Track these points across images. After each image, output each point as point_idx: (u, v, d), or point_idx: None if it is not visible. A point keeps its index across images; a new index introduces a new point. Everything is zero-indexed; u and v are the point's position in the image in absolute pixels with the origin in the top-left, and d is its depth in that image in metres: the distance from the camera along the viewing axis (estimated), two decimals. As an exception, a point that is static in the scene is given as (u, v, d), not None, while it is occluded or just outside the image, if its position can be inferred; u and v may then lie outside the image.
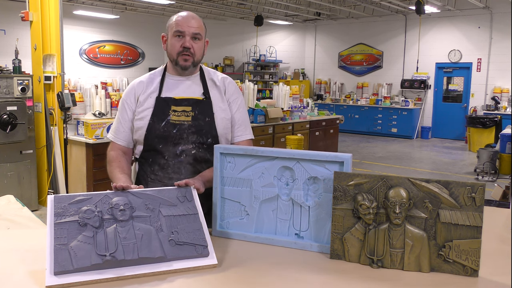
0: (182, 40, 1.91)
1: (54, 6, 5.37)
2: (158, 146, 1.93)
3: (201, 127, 1.93)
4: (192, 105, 1.94)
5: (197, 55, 1.95)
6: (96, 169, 5.22)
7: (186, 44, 1.90)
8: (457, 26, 12.56)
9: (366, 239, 1.42)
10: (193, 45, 1.92)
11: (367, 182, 1.43)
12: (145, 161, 2.00)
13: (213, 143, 1.91)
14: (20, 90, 5.18)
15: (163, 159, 1.94)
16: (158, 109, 1.94)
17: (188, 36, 1.91)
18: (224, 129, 1.98)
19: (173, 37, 1.92)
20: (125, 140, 2.03)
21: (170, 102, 1.94)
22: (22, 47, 5.90)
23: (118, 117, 2.04)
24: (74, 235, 1.33)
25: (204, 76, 2.03)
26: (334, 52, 15.22)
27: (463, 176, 8.18)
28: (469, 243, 1.35)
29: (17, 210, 2.44)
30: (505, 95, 11.90)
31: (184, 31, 1.90)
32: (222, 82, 2.04)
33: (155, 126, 1.92)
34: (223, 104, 2.00)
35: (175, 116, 1.92)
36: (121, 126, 2.02)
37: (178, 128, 1.92)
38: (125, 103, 2.02)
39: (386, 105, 13.37)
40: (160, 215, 1.44)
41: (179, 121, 1.92)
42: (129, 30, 13.77)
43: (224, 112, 1.99)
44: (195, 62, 1.96)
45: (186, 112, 1.93)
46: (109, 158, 2.01)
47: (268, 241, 1.61)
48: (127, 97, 2.02)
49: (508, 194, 3.80)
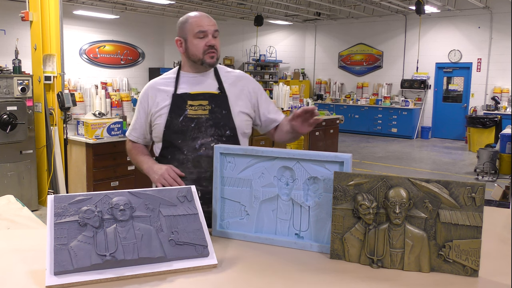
0: (205, 39, 1.96)
1: (54, 6, 5.37)
2: (177, 142, 1.96)
3: (219, 120, 1.95)
4: (208, 98, 1.97)
5: (219, 51, 2.01)
6: (96, 169, 5.22)
7: (211, 42, 1.96)
8: (457, 26, 12.56)
9: (366, 239, 1.42)
10: (215, 43, 1.98)
11: (367, 182, 1.43)
12: (164, 158, 2.03)
13: (231, 135, 1.96)
14: (20, 90, 5.18)
15: (182, 154, 1.95)
16: (175, 105, 1.97)
17: (210, 34, 1.96)
18: (241, 122, 2.00)
19: (196, 38, 1.96)
20: (138, 137, 2.13)
21: (186, 97, 1.97)
22: (22, 47, 5.90)
23: (134, 115, 2.15)
24: (74, 235, 1.33)
25: (218, 72, 2.06)
26: (334, 52, 15.22)
27: (463, 176, 8.18)
28: (469, 243, 1.35)
29: (17, 210, 2.44)
30: (505, 95, 11.90)
31: (206, 30, 1.95)
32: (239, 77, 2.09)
33: (173, 122, 1.96)
34: (240, 99, 2.03)
35: (192, 111, 1.95)
36: (135, 124, 2.12)
37: (196, 122, 1.94)
38: (139, 103, 2.10)
39: (386, 105, 13.37)
40: (160, 215, 1.44)
41: (196, 115, 1.95)
42: (129, 30, 13.77)
43: (240, 107, 2.02)
44: (219, 57, 2.03)
45: (202, 106, 1.96)
46: (128, 149, 2.16)
47: (268, 241, 1.61)
48: (142, 97, 2.09)
49: (508, 194, 3.80)
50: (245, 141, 2.05)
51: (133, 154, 2.11)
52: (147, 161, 2.01)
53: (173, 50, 14.74)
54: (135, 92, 11.51)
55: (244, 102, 2.04)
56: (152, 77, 13.55)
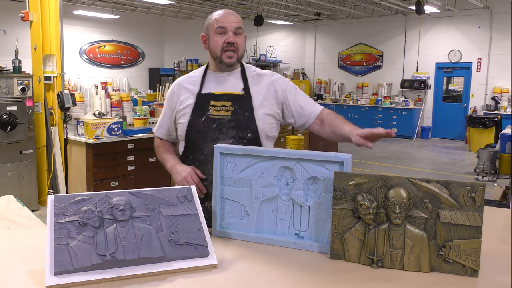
0: (225, 36, 1.93)
1: (54, 6, 5.37)
2: (198, 142, 1.95)
3: (241, 122, 1.92)
4: (231, 99, 1.94)
5: (240, 50, 1.96)
6: (96, 169, 5.22)
7: (229, 39, 1.92)
8: (457, 26, 12.56)
9: (366, 239, 1.42)
10: (236, 40, 1.93)
11: (367, 182, 1.42)
12: (187, 158, 2.02)
13: (253, 138, 1.93)
14: (20, 90, 5.18)
15: (203, 155, 1.95)
16: (198, 105, 1.96)
17: (230, 31, 1.93)
18: (265, 124, 1.96)
19: (215, 34, 1.94)
20: (164, 134, 2.16)
21: (209, 98, 1.96)
22: (22, 47, 5.90)
23: (162, 112, 2.17)
24: (74, 235, 1.33)
25: (245, 72, 2.03)
26: (334, 52, 15.22)
27: (463, 176, 8.18)
28: (469, 243, 1.35)
29: (17, 210, 2.44)
30: (505, 95, 11.90)
31: (226, 27, 1.92)
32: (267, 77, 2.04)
33: (195, 122, 1.95)
34: (266, 100, 1.99)
35: (215, 111, 1.94)
36: (162, 121, 2.15)
37: (218, 123, 1.92)
38: (166, 100, 2.12)
39: (386, 105, 13.37)
40: (160, 215, 1.44)
41: (218, 116, 1.93)
42: (129, 30, 13.77)
43: (265, 108, 1.97)
44: (239, 57, 1.98)
45: (225, 107, 1.93)
46: (155, 146, 2.19)
47: (268, 241, 1.61)
48: (169, 94, 2.10)
49: (508, 194, 3.80)
50: (270, 144, 2.01)
51: (159, 152, 2.13)
52: (171, 160, 2.01)
53: (173, 50, 14.74)
54: (135, 92, 11.53)
55: (271, 102, 1.99)
56: (152, 77, 13.49)
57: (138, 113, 6.12)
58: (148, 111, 6.31)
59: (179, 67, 14.43)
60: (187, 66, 14.33)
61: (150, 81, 14.02)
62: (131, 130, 5.61)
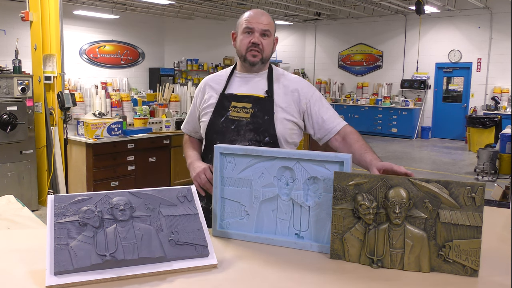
0: (251, 36, 1.93)
1: (54, 6, 5.37)
2: (216, 142, 1.92)
3: (259, 125, 1.90)
4: (252, 102, 1.93)
5: (266, 51, 1.95)
6: (96, 169, 5.23)
7: (255, 40, 1.91)
8: (457, 26, 12.56)
9: (366, 239, 1.42)
10: (262, 42, 1.93)
11: (367, 182, 1.42)
12: (206, 157, 2.02)
13: (270, 142, 1.90)
14: (20, 90, 5.18)
15: None
16: (220, 105, 1.96)
17: (257, 32, 1.92)
18: (284, 129, 1.93)
19: (243, 33, 1.95)
20: (190, 131, 2.20)
21: (231, 98, 1.96)
22: (22, 47, 5.90)
23: (190, 108, 2.20)
24: (74, 235, 1.33)
25: (272, 74, 2.01)
26: (334, 52, 15.22)
27: (463, 176, 8.18)
28: (469, 243, 1.35)
29: (17, 210, 2.44)
30: (505, 95, 11.90)
31: (253, 28, 1.92)
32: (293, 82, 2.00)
33: (215, 122, 1.95)
34: (289, 106, 1.95)
35: (235, 112, 1.93)
36: (189, 117, 2.19)
37: (236, 124, 1.92)
38: (195, 97, 2.14)
39: (386, 105, 13.37)
40: (160, 215, 1.44)
41: (238, 117, 1.92)
42: (129, 30, 13.77)
43: (286, 113, 1.94)
44: (264, 58, 1.96)
45: (246, 109, 1.92)
46: (184, 142, 2.23)
47: (268, 241, 1.61)
48: (197, 91, 2.13)
49: (508, 194, 3.80)
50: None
51: (185, 148, 2.15)
52: (192, 156, 2.03)
53: (173, 50, 14.74)
54: (135, 92, 11.53)
55: (292, 109, 1.96)
56: (152, 77, 13.49)
57: (138, 113, 6.13)
58: (148, 111, 6.31)
59: (179, 67, 14.44)
60: (187, 66, 14.33)
61: (150, 81, 14.03)
62: (131, 130, 5.61)
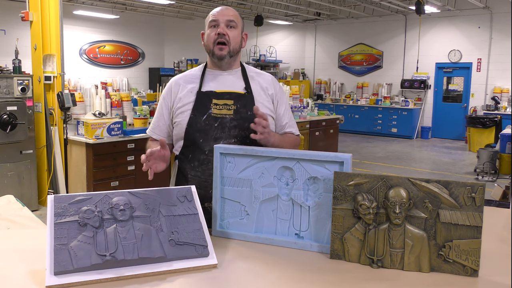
0: (217, 28, 1.92)
1: (54, 6, 5.37)
2: (199, 141, 1.92)
3: (243, 121, 1.90)
4: (234, 98, 1.92)
5: (233, 43, 1.94)
6: (96, 169, 5.22)
7: (220, 30, 1.90)
8: (457, 26, 12.56)
9: (366, 239, 1.42)
10: (227, 33, 1.91)
11: (367, 182, 1.42)
12: (185, 157, 1.99)
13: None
14: (20, 90, 5.18)
15: (203, 154, 1.92)
16: (199, 103, 1.93)
17: (222, 23, 1.91)
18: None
19: (209, 28, 1.94)
20: (161, 135, 2.05)
21: (211, 96, 1.93)
22: (22, 47, 5.90)
23: (156, 113, 2.09)
24: (74, 235, 1.33)
25: (246, 71, 2.03)
26: (334, 52, 15.22)
27: (463, 176, 8.17)
28: (469, 243, 1.35)
29: (17, 210, 2.44)
30: (505, 95, 11.90)
31: (218, 19, 1.92)
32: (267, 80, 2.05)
33: (196, 120, 1.92)
34: (267, 101, 2.00)
35: (217, 110, 1.91)
36: (158, 121, 2.06)
37: (220, 121, 1.90)
38: (163, 100, 2.05)
39: (386, 105, 13.37)
40: (160, 215, 1.44)
41: (220, 114, 1.90)
42: (129, 30, 13.77)
43: (266, 108, 1.97)
44: (231, 51, 1.94)
45: (227, 106, 1.91)
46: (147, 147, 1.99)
47: (268, 241, 1.61)
48: (165, 94, 2.05)
49: (508, 194, 3.80)
50: None
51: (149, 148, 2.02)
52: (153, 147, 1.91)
53: (173, 50, 14.74)
54: (135, 92, 11.53)
55: (270, 104, 2.01)
56: (152, 77, 13.47)
57: (138, 113, 6.13)
58: (148, 111, 6.31)
59: (179, 67, 14.43)
60: (187, 66, 14.32)
61: (150, 81, 14.03)
62: (131, 130, 5.61)
